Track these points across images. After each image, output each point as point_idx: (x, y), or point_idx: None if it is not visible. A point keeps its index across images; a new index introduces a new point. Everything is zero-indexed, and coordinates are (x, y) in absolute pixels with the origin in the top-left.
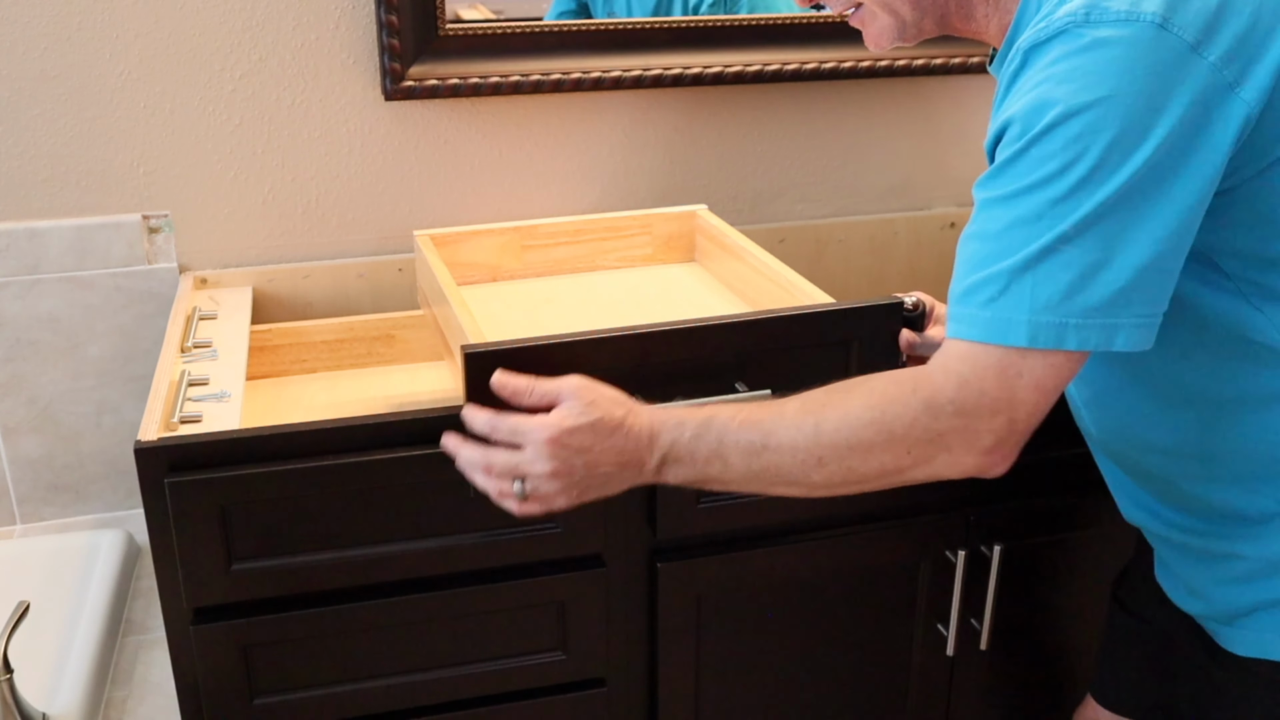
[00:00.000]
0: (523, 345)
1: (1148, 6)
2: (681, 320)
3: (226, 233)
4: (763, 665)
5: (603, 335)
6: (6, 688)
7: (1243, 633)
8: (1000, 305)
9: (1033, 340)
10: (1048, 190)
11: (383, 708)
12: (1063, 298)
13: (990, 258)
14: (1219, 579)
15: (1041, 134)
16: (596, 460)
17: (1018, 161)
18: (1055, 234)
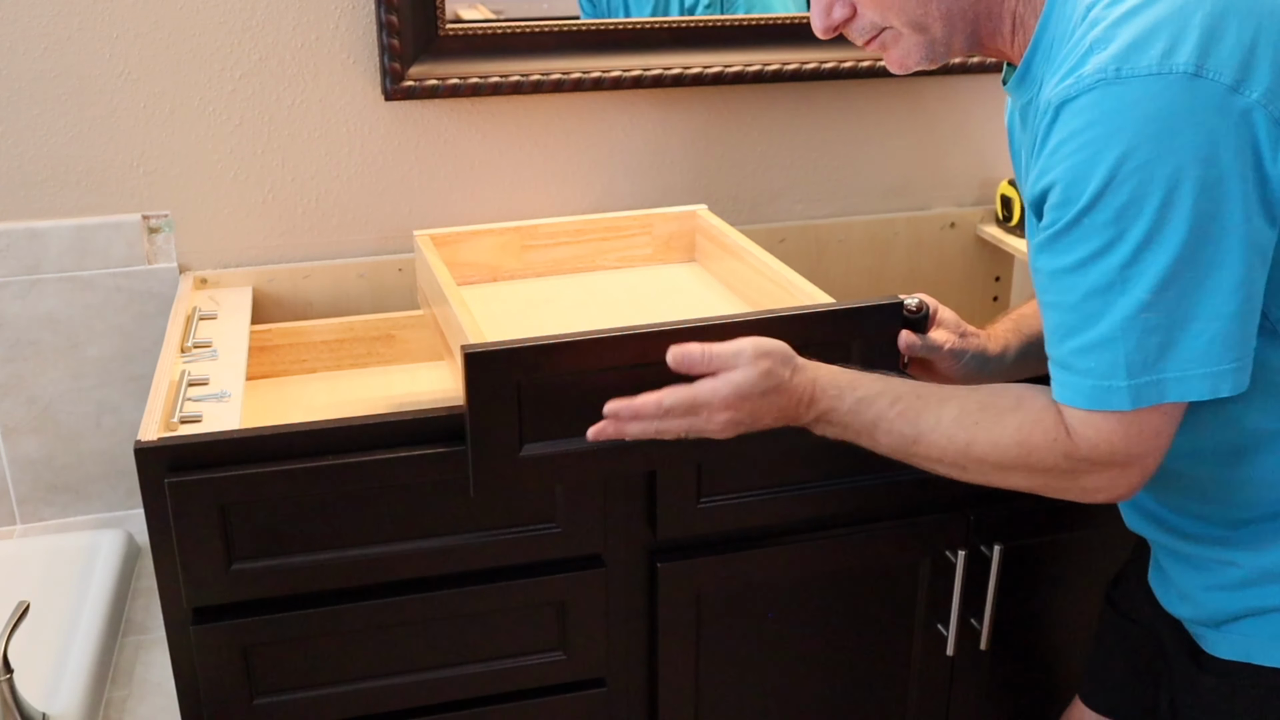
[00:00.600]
0: (523, 345)
1: (1180, 57)
2: (682, 320)
3: (226, 233)
4: (763, 665)
5: (604, 335)
6: (6, 688)
7: (1229, 637)
8: (1099, 375)
9: (1136, 402)
10: (1112, 257)
11: (383, 708)
12: (1158, 359)
13: (1075, 329)
14: (1210, 585)
15: (1092, 203)
16: (761, 415)
17: (1073, 231)
18: (1134, 302)
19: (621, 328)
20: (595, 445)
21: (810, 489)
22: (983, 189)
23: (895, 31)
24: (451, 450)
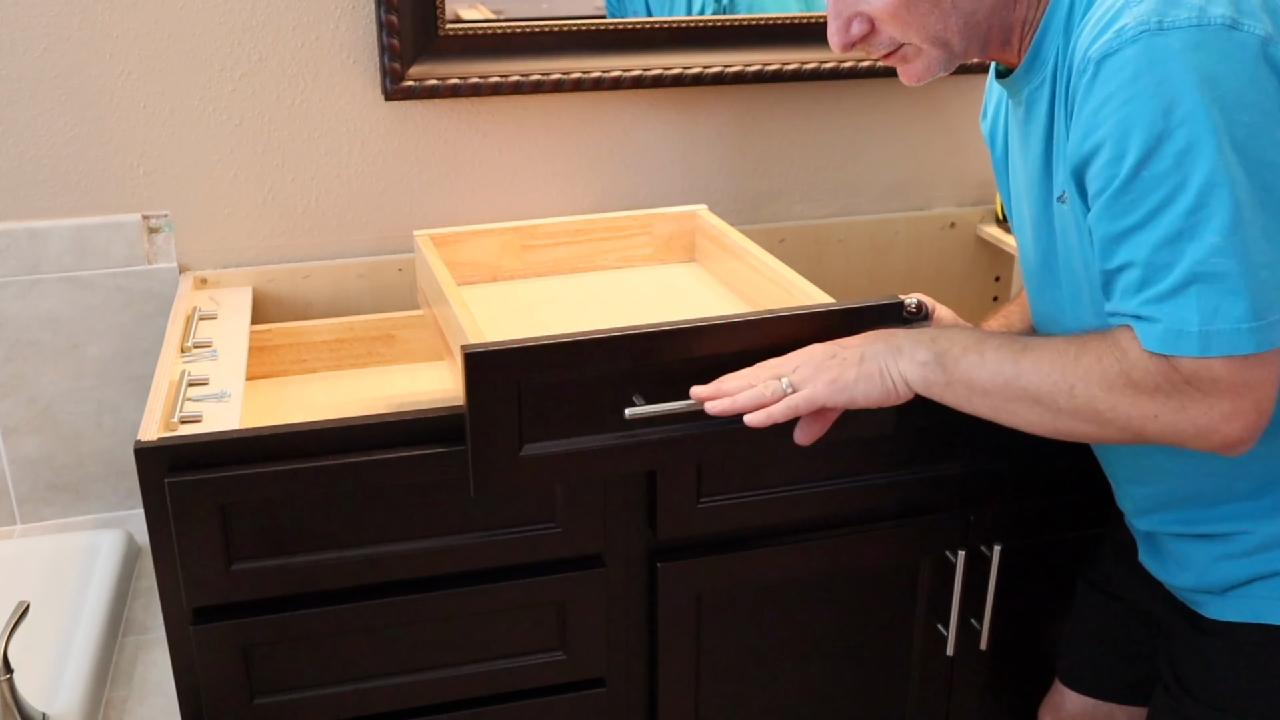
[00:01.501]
0: (523, 345)
1: (1216, 10)
2: (683, 320)
3: (226, 233)
4: (763, 665)
5: (605, 335)
6: (6, 688)
7: (1235, 602)
8: (1173, 319)
9: (1204, 350)
10: (1176, 206)
11: (383, 708)
12: (1229, 307)
13: (1149, 280)
14: (1218, 556)
15: (1148, 154)
16: (851, 344)
17: (1132, 186)
18: (1204, 248)
19: (623, 328)
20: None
21: (810, 489)
22: (983, 189)
23: (915, 47)
24: (451, 450)
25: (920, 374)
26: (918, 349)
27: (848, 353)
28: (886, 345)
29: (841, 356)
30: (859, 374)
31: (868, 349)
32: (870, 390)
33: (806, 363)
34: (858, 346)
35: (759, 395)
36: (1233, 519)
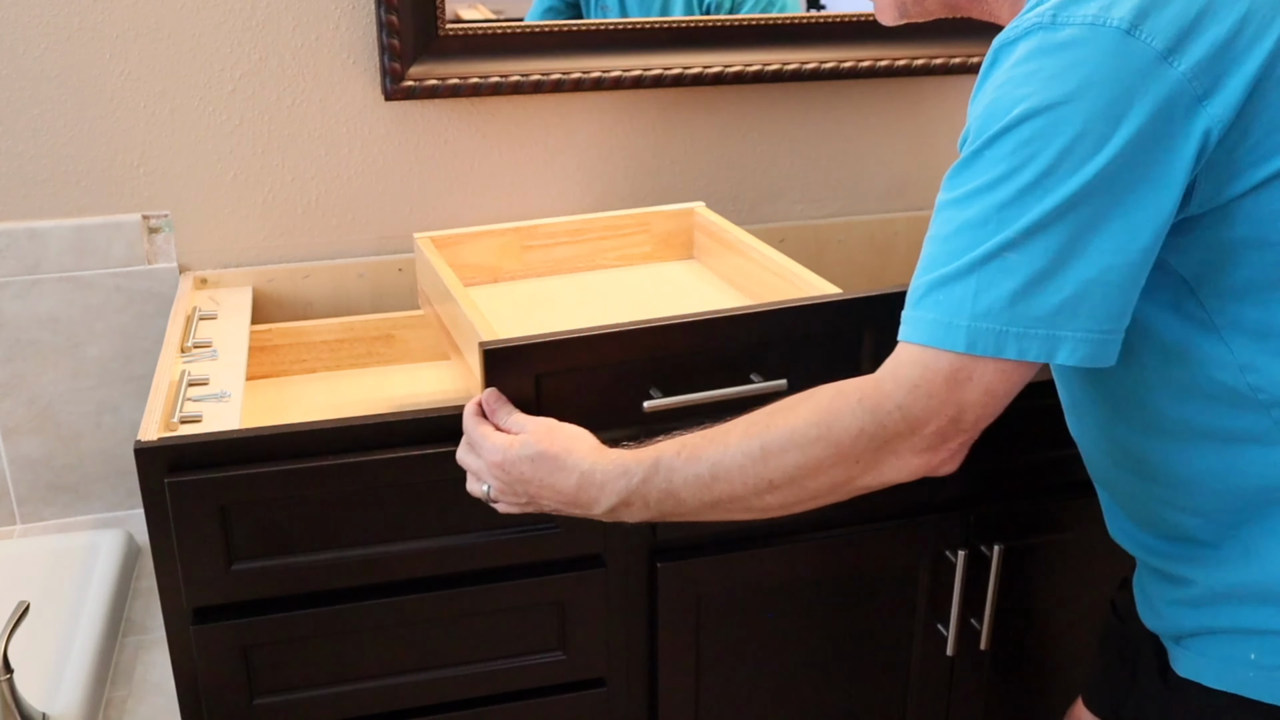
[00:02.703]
0: (542, 340)
1: (1117, 12)
2: (695, 313)
3: (226, 233)
4: (763, 665)
5: (617, 330)
6: (6, 688)
7: (1185, 653)
8: (942, 309)
9: (970, 346)
10: (996, 194)
11: (383, 708)
12: (1005, 305)
13: (937, 261)
14: (1171, 600)
15: (996, 136)
16: (538, 493)
17: (973, 164)
18: (1000, 239)
19: (634, 322)
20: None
21: None
22: None
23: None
24: (451, 450)
25: (627, 518)
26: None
27: (542, 504)
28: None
29: (537, 505)
30: (558, 512)
31: (564, 507)
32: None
33: (502, 495)
34: (551, 502)
35: (472, 486)
36: (1185, 561)
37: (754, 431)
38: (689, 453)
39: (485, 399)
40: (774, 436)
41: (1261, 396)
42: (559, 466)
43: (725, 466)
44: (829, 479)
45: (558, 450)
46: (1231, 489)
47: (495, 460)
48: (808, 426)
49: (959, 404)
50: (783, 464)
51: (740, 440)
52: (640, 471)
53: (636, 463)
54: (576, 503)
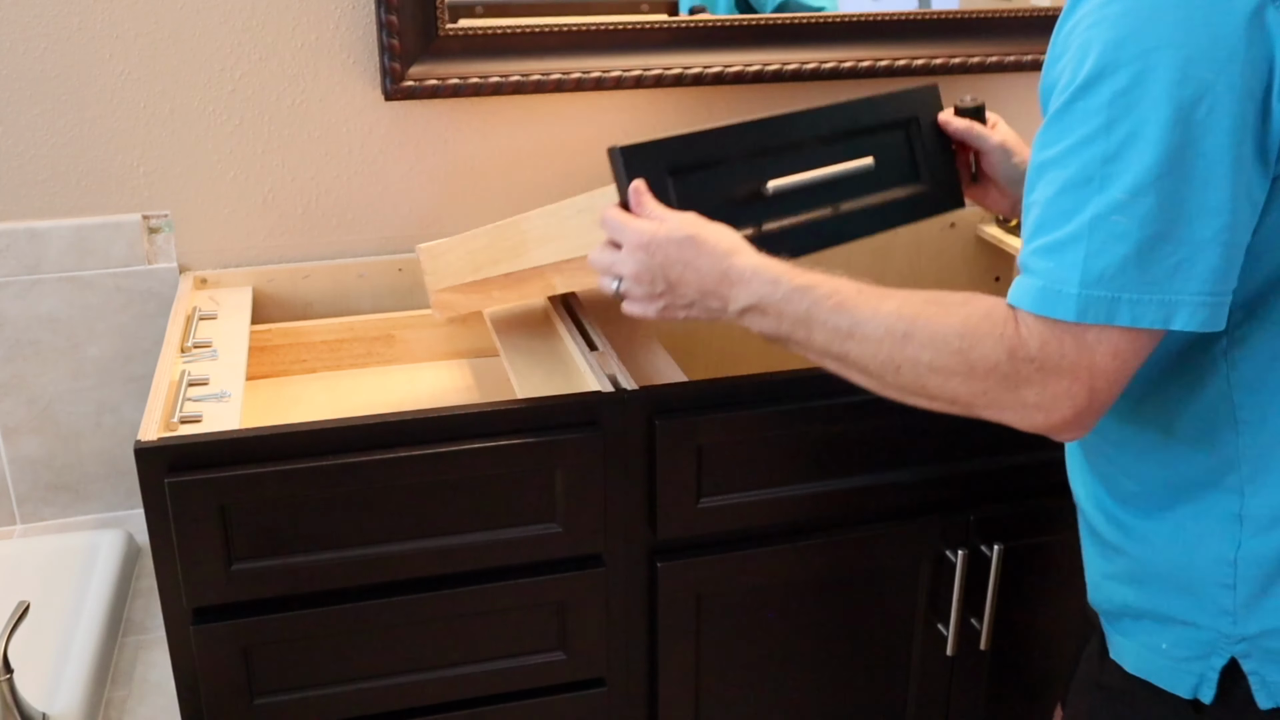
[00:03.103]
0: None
1: None
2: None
3: (226, 233)
4: (763, 665)
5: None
6: (6, 688)
7: (1113, 634)
8: (1052, 277)
9: (1081, 314)
10: (1095, 148)
11: (383, 708)
12: (1116, 271)
13: (1045, 225)
14: (1105, 573)
15: (1088, 84)
16: (681, 278)
17: (1066, 114)
18: (1106, 201)
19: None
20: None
21: (810, 489)
22: None
23: None
24: (451, 450)
25: (750, 323)
26: (741, 297)
27: (677, 294)
28: (717, 295)
29: (672, 297)
30: (687, 315)
31: (699, 299)
32: (697, 320)
33: (638, 283)
34: (690, 291)
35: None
36: (1118, 528)
37: (906, 313)
38: (838, 300)
39: (632, 190)
40: (921, 327)
41: (1233, 376)
42: (707, 252)
43: (865, 332)
44: (952, 390)
45: (708, 237)
46: (1169, 465)
47: (641, 241)
48: (953, 336)
49: (1090, 368)
50: (918, 356)
51: (890, 316)
52: (787, 288)
53: (787, 277)
54: (715, 293)
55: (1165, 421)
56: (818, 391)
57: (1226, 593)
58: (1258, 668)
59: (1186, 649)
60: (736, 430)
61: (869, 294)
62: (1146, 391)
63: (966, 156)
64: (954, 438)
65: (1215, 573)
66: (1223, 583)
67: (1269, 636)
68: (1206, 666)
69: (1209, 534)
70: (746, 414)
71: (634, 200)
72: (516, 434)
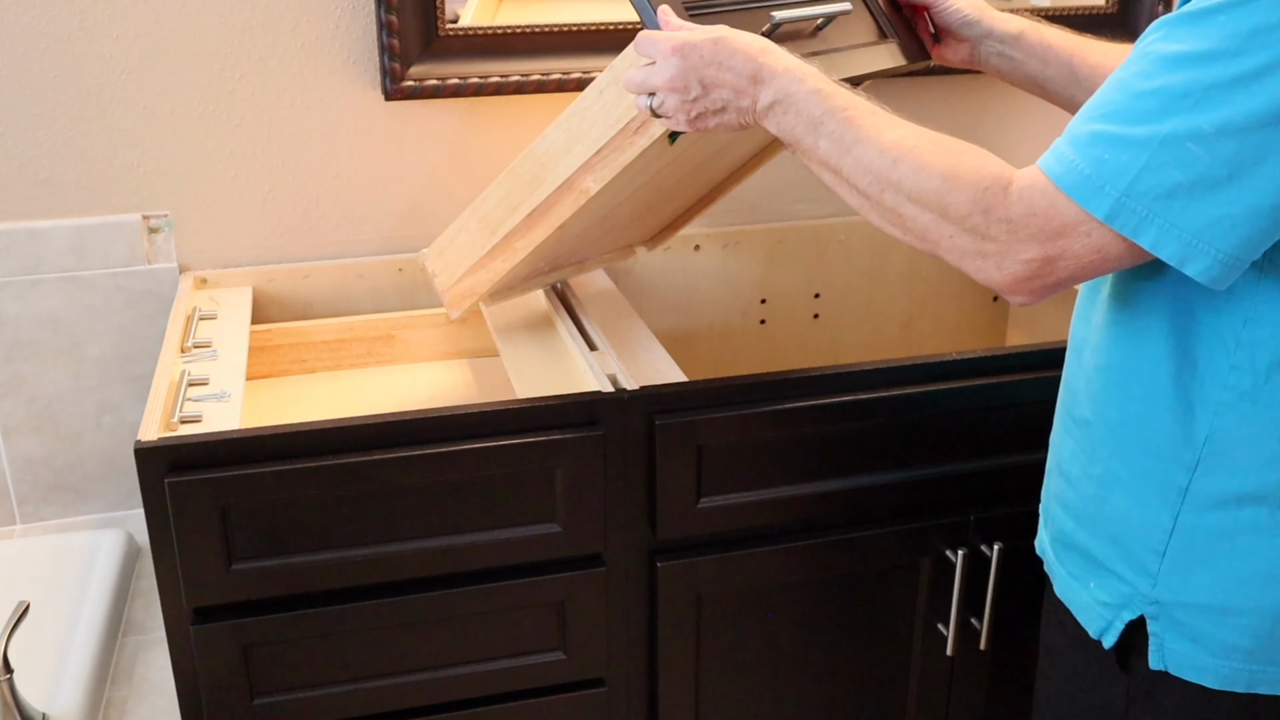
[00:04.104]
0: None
1: None
2: None
3: (226, 233)
4: (763, 665)
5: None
6: (6, 688)
7: (1052, 559)
8: (1102, 168)
9: (1110, 217)
10: (1210, 70)
11: (383, 708)
12: (1163, 193)
13: (1119, 114)
14: (1058, 496)
15: (1240, 3)
16: (715, 79)
17: (1204, 20)
18: (1192, 125)
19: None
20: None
21: (810, 489)
22: None
23: None
24: (451, 450)
25: (772, 123)
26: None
27: (710, 98)
28: (748, 94)
29: (704, 101)
30: (719, 121)
31: (732, 99)
32: (726, 129)
33: (672, 93)
34: (725, 93)
35: (640, 101)
36: (1077, 448)
37: (907, 143)
38: (850, 115)
39: (661, 11)
40: (912, 158)
41: (1238, 354)
42: (740, 50)
43: (864, 149)
44: (923, 225)
45: (740, 38)
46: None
47: (675, 44)
48: (936, 175)
49: (1063, 249)
50: (900, 182)
51: (889, 142)
52: (810, 88)
53: (813, 80)
54: (746, 92)
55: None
56: (818, 391)
57: (1154, 557)
58: (1160, 631)
59: (1107, 594)
60: (736, 430)
61: (882, 116)
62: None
63: (923, 17)
64: (954, 438)
65: (1148, 536)
66: (1153, 548)
67: (1179, 608)
68: (1116, 616)
69: (1152, 499)
70: (746, 414)
71: (663, 21)
72: (516, 434)
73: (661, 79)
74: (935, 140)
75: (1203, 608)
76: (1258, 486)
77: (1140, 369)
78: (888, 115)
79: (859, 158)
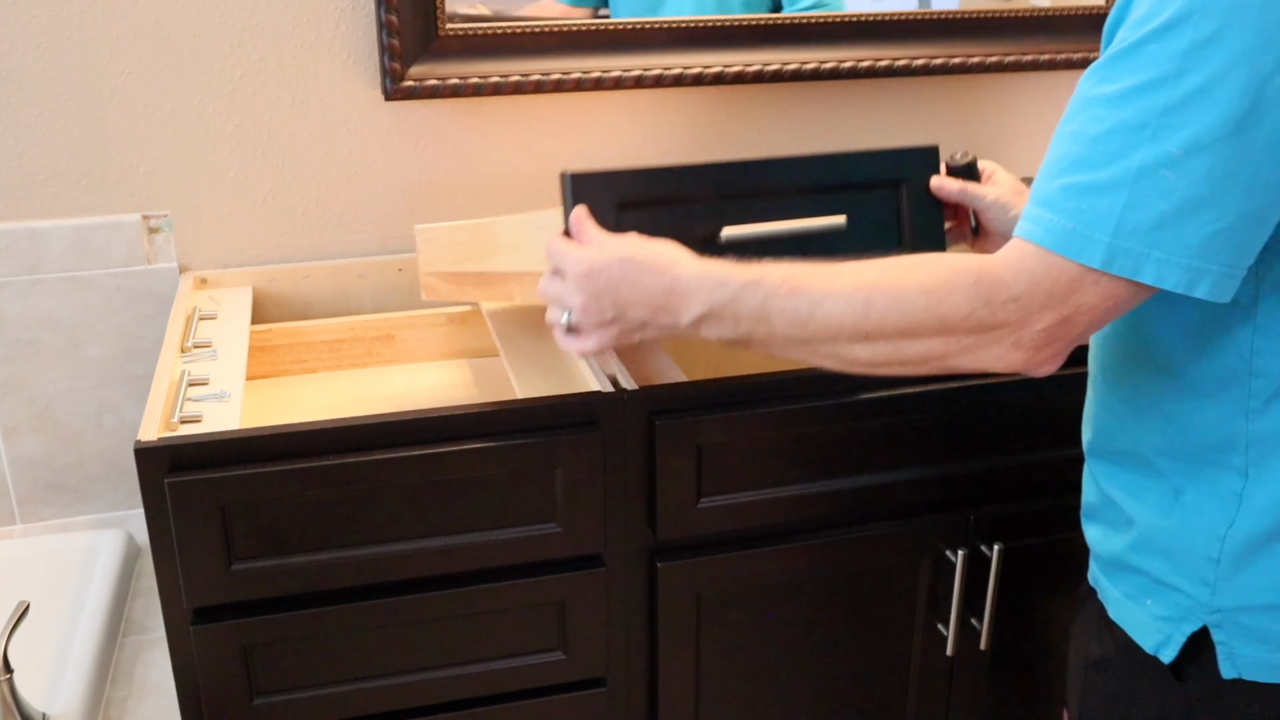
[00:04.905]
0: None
1: None
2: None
3: (226, 233)
4: (763, 665)
5: (697, 164)
6: (6, 688)
7: (1104, 578)
8: (1083, 219)
9: (1107, 264)
10: (1159, 95)
11: (383, 708)
12: (1153, 226)
13: (1085, 163)
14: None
15: (1168, 27)
16: (628, 300)
17: (1134, 54)
18: (1158, 153)
19: (712, 159)
20: None
21: (810, 489)
22: None
23: None
24: (451, 450)
25: (708, 333)
26: (692, 307)
27: (628, 319)
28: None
29: (623, 323)
30: (642, 335)
31: (651, 318)
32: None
33: (587, 313)
34: (640, 311)
35: (551, 314)
36: (1119, 486)
37: (864, 282)
38: (793, 285)
39: (573, 218)
40: (883, 292)
41: (1257, 362)
42: (649, 269)
43: (827, 308)
44: (926, 348)
45: (647, 254)
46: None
47: (582, 270)
48: (919, 294)
49: (1076, 306)
50: (885, 320)
51: (849, 287)
52: (737, 285)
53: (735, 276)
54: (665, 308)
55: (1184, 391)
56: (818, 391)
57: (1210, 565)
58: (1227, 639)
59: (1165, 609)
60: (736, 430)
61: (823, 272)
62: (1172, 358)
63: (966, 215)
64: (954, 438)
65: (1204, 545)
66: (1209, 555)
67: (1244, 612)
68: (1176, 630)
69: (1207, 508)
70: (746, 414)
71: (575, 227)
72: (516, 434)
73: (574, 301)
74: (889, 267)
75: (1267, 608)
76: None
77: (1167, 392)
78: (827, 267)
79: (826, 320)
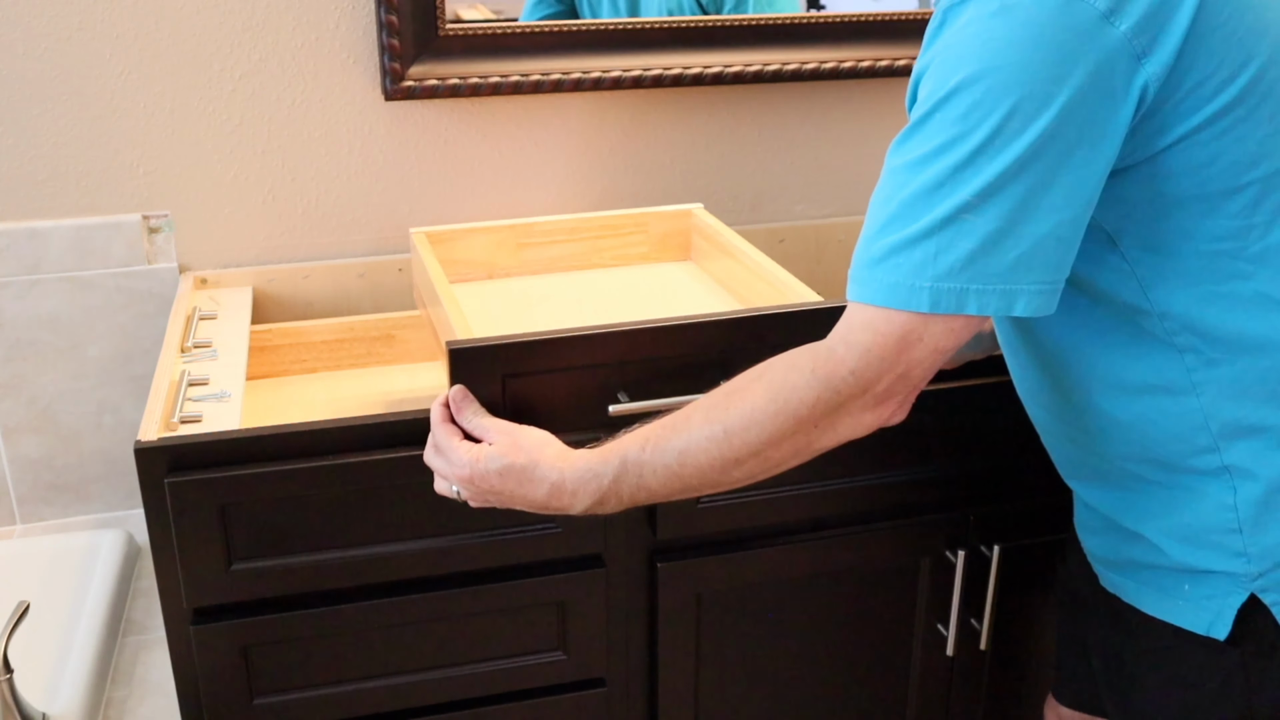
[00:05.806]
0: (507, 341)
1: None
2: (665, 318)
3: (226, 233)
4: (763, 665)
5: (586, 332)
6: (6, 688)
7: (1125, 580)
8: (903, 272)
9: (934, 306)
10: (949, 157)
11: (383, 708)
12: (964, 264)
13: (894, 223)
14: (1105, 538)
15: (946, 98)
16: (513, 498)
17: (924, 126)
18: (957, 202)
19: (603, 325)
20: (580, 440)
21: (810, 489)
22: None
23: None
24: None
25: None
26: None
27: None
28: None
29: (504, 498)
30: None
31: (541, 510)
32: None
33: (469, 487)
34: (529, 507)
35: (440, 486)
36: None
37: (714, 416)
38: (653, 445)
39: (451, 397)
40: (734, 416)
41: (1178, 340)
42: (528, 478)
43: (691, 453)
44: (790, 446)
45: (524, 462)
46: (1156, 437)
47: (464, 475)
48: (766, 403)
49: (908, 362)
50: (746, 441)
51: (702, 425)
52: (609, 472)
53: (603, 463)
54: (552, 507)
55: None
56: None
57: (1235, 536)
58: (1278, 598)
59: (1207, 589)
60: None
61: (673, 422)
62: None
63: None
64: (954, 438)
65: (1220, 521)
66: (1229, 528)
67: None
68: (1224, 605)
69: (1204, 488)
70: None
71: (455, 410)
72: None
73: (461, 489)
74: (730, 390)
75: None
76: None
77: (1113, 398)
78: (675, 415)
79: (696, 466)
